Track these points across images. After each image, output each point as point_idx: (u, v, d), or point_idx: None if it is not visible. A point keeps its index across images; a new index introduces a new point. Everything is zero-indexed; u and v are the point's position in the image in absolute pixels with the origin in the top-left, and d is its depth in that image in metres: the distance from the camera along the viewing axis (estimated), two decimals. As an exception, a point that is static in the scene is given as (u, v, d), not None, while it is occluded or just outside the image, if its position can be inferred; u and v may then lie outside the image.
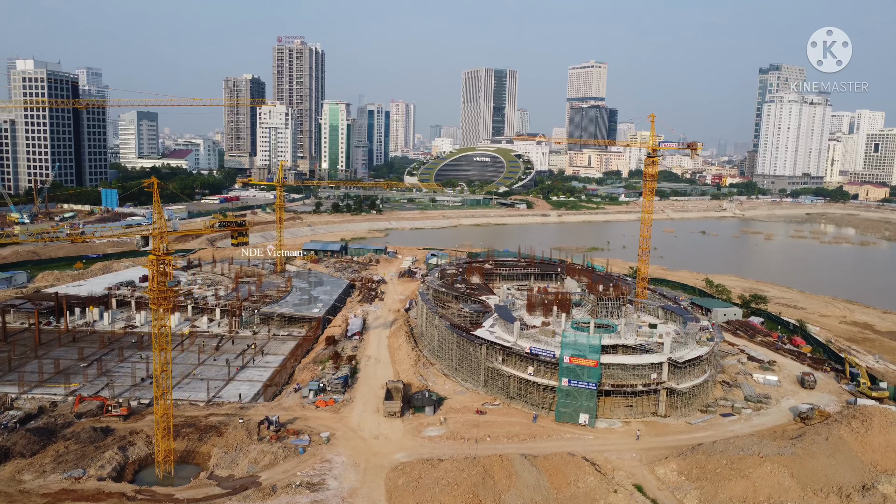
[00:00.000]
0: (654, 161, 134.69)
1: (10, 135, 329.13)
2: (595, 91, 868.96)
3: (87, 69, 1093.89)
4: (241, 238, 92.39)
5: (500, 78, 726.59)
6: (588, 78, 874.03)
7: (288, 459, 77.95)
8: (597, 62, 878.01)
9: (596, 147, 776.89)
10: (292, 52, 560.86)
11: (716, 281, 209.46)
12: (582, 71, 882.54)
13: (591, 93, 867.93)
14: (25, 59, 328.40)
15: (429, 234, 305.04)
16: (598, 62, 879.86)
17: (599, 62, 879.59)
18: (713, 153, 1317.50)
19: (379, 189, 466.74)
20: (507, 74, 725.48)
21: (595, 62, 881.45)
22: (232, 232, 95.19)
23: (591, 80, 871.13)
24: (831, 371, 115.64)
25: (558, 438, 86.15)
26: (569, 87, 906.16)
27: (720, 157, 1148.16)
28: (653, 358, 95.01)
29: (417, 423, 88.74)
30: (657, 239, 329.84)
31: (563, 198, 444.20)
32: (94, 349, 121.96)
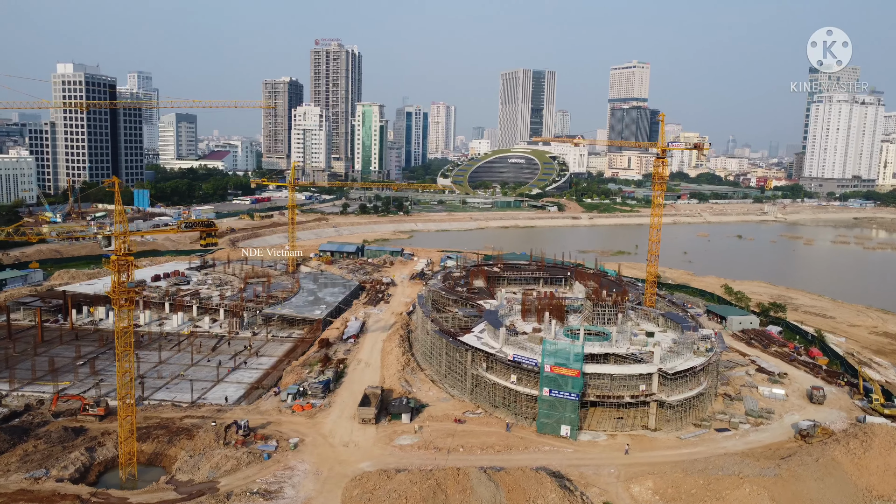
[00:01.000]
0: (663, 162, 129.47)
1: (50, 136, 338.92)
2: (637, 92, 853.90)
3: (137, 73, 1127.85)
4: (210, 239, 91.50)
5: (539, 79, 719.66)
6: (630, 78, 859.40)
7: (251, 465, 76.35)
8: (639, 62, 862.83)
9: (637, 149, 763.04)
10: (329, 55, 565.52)
11: (743, 287, 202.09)
12: (624, 71, 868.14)
13: (633, 93, 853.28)
14: (65, 63, 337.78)
15: (454, 236, 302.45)
16: (640, 62, 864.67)
17: (642, 62, 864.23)
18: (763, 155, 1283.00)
19: (411, 190, 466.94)
20: (546, 75, 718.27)
21: (638, 62, 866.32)
22: (200, 233, 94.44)
23: (634, 80, 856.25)
24: (846, 385, 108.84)
25: (535, 451, 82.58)
26: (610, 88, 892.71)
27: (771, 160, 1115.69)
28: (641, 368, 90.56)
29: (391, 430, 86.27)
30: (689, 243, 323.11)
31: (598, 200, 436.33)
32: (93, 348, 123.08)
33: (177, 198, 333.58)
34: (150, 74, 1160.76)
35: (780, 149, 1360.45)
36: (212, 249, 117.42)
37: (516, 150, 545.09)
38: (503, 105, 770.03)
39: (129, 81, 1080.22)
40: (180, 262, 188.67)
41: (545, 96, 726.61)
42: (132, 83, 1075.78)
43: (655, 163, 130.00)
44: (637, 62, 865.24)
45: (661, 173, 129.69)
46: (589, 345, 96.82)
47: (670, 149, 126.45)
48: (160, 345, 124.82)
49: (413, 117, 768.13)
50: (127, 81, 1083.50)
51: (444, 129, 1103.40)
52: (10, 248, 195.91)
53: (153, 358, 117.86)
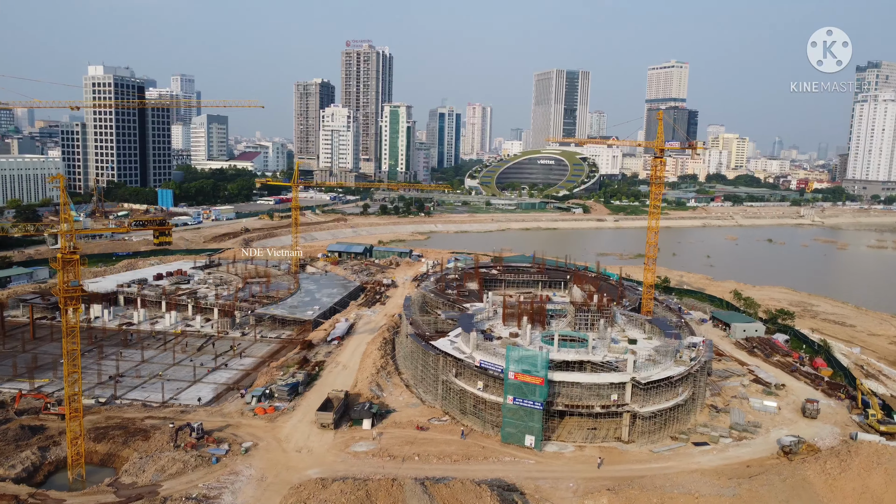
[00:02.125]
0: (661, 161, 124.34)
1: (81, 137, 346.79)
2: (675, 92, 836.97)
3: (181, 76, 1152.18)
4: (164, 238, 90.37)
5: (572, 79, 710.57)
6: (668, 78, 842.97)
7: (198, 469, 74.78)
8: (678, 62, 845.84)
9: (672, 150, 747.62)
10: (360, 56, 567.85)
11: (762, 293, 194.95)
12: (662, 71, 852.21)
13: (671, 94, 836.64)
14: (96, 66, 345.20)
15: (473, 238, 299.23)
16: (679, 62, 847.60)
17: (680, 62, 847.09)
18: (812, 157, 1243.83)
19: (437, 192, 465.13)
20: (580, 76, 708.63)
21: (676, 62, 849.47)
22: (154, 231, 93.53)
23: (672, 80, 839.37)
24: (846, 399, 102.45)
25: (494, 461, 79.20)
26: (648, 88, 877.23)
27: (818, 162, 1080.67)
28: (613, 377, 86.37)
29: (350, 436, 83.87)
30: (716, 247, 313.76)
31: (626, 202, 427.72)
32: (82, 345, 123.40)
33: (201, 197, 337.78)
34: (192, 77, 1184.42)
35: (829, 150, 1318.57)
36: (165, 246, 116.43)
37: (546, 152, 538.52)
38: (536, 106, 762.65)
39: (172, 84, 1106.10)
40: (189, 262, 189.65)
41: (579, 97, 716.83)
42: (175, 85, 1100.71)
43: (653, 162, 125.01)
44: (675, 62, 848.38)
45: (658, 174, 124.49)
46: (563, 351, 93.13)
47: (668, 148, 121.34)
48: (147, 343, 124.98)
49: (446, 118, 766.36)
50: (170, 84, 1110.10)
51: (479, 131, 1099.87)
52: (25, 245, 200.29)
53: (137, 357, 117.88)
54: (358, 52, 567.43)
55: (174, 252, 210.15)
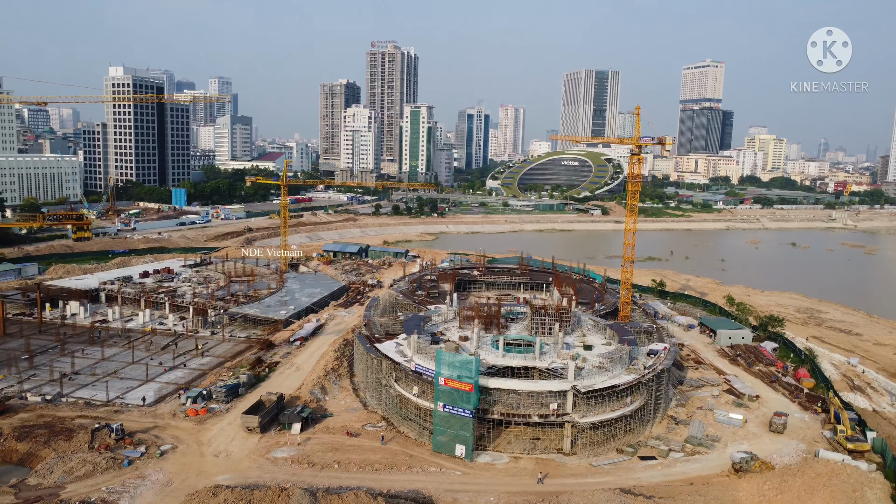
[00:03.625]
0: (639, 159, 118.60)
1: (101, 137, 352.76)
2: (710, 92, 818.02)
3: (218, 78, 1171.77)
4: (81, 233, 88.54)
5: (602, 79, 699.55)
6: (703, 78, 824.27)
7: (107, 472, 72.58)
8: (713, 61, 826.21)
9: (705, 151, 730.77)
10: (384, 57, 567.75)
11: (770, 299, 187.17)
12: (696, 71, 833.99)
13: (705, 94, 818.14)
14: (117, 67, 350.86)
15: (483, 239, 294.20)
16: (714, 61, 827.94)
17: (716, 61, 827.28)
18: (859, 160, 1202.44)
19: (458, 192, 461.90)
20: (609, 76, 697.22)
21: (711, 61, 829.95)
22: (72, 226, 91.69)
23: (707, 80, 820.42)
24: (823, 413, 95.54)
25: (418, 471, 75.21)
26: (682, 89, 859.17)
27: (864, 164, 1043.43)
28: (552, 385, 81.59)
29: (274, 441, 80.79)
30: (733, 250, 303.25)
31: (649, 204, 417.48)
32: (49, 341, 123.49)
33: (217, 197, 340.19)
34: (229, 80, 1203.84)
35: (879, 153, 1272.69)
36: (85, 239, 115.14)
37: (570, 153, 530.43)
38: (565, 107, 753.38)
39: (210, 86, 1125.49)
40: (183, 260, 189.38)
41: (608, 97, 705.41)
42: (213, 87, 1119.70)
43: (631, 160, 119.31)
44: (711, 61, 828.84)
45: (635, 172, 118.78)
46: (509, 356, 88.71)
47: (646, 144, 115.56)
48: (113, 341, 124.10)
49: (474, 119, 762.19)
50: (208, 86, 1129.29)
51: (512, 132, 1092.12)
52: (26, 243, 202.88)
53: (98, 354, 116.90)
54: (383, 52, 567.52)
55: (171, 250, 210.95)
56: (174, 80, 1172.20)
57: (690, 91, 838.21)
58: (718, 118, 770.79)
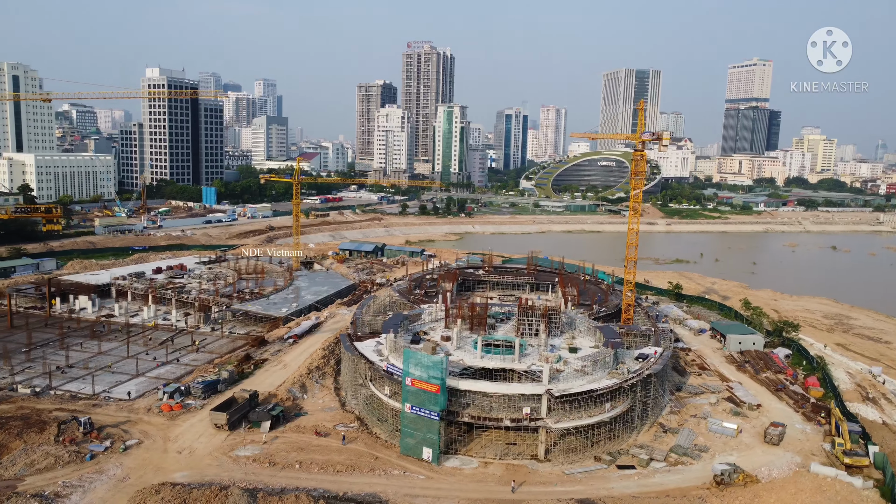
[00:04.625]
0: (642, 156, 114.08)
1: (138, 137, 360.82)
2: (757, 91, 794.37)
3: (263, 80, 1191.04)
4: (51, 226, 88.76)
5: (642, 79, 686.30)
6: (750, 77, 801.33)
7: (68, 465, 72.29)
8: (760, 60, 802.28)
9: (750, 152, 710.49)
10: (420, 57, 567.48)
11: (798, 304, 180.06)
12: (743, 70, 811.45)
13: (752, 93, 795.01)
14: (153, 68, 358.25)
15: (508, 240, 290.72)
16: (762, 60, 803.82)
17: (764, 60, 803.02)
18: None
19: (489, 193, 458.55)
20: (650, 75, 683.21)
21: (759, 60, 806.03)
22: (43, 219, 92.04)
23: (753, 79, 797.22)
24: (827, 424, 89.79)
25: (381, 474, 72.86)
26: (728, 88, 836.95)
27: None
28: (525, 388, 78.32)
29: (240, 439, 79.50)
30: (768, 253, 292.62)
31: (685, 205, 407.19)
32: (52, 335, 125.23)
33: (248, 196, 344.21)
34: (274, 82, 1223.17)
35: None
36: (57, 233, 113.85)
37: (607, 153, 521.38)
38: (605, 106, 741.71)
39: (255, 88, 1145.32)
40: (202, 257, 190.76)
41: (649, 96, 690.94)
42: (258, 90, 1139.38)
43: (634, 156, 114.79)
44: (758, 59, 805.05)
45: (639, 169, 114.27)
46: (487, 358, 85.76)
47: (649, 140, 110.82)
48: (114, 336, 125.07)
49: (512, 119, 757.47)
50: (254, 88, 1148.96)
51: (553, 133, 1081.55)
52: (52, 238, 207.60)
53: (95, 348, 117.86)
54: (419, 53, 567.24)
55: (191, 247, 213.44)
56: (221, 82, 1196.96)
57: (736, 90, 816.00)
58: (765, 118, 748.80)
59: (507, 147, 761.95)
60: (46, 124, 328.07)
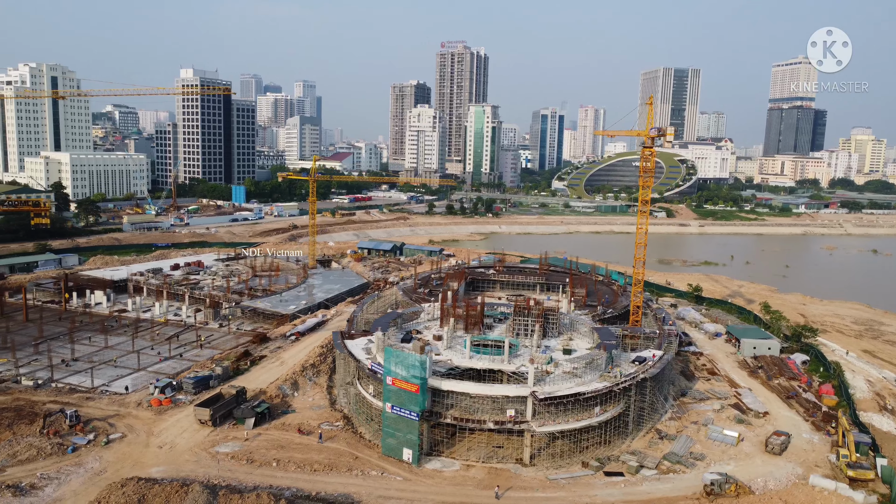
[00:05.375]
0: (652, 152, 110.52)
1: (172, 137, 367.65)
2: (802, 90, 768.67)
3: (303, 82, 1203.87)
4: (39, 219, 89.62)
5: (681, 78, 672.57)
6: (794, 76, 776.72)
7: (49, 457, 72.73)
8: (805, 58, 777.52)
9: (793, 152, 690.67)
10: (454, 57, 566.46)
11: (828, 308, 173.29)
12: (787, 69, 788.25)
13: (797, 92, 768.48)
14: (187, 68, 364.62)
15: (533, 240, 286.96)
16: (807, 58, 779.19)
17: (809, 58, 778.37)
18: None
19: (520, 194, 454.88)
20: (689, 74, 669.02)
21: (804, 58, 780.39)
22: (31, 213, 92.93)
23: (798, 78, 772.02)
24: (836, 434, 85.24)
25: (358, 474, 71.45)
26: (772, 87, 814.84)
27: None
28: (509, 390, 76.01)
29: (223, 435, 78.99)
30: (804, 256, 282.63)
31: (721, 207, 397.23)
32: (63, 329, 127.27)
33: (277, 195, 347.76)
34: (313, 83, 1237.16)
35: None
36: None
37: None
38: (642, 106, 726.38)
39: (295, 90, 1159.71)
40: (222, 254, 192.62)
41: (687, 96, 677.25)
42: (298, 91, 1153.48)
43: (642, 154, 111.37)
44: (803, 58, 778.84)
45: (648, 165, 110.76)
46: (476, 358, 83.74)
47: (659, 136, 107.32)
48: (123, 330, 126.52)
49: (548, 120, 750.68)
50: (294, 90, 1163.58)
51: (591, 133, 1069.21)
52: (80, 235, 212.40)
53: (102, 342, 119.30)
54: (452, 53, 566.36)
55: (213, 244, 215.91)
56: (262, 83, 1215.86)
57: (781, 90, 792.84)
58: (809, 118, 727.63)
59: (543, 147, 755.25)
60: (83, 124, 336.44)
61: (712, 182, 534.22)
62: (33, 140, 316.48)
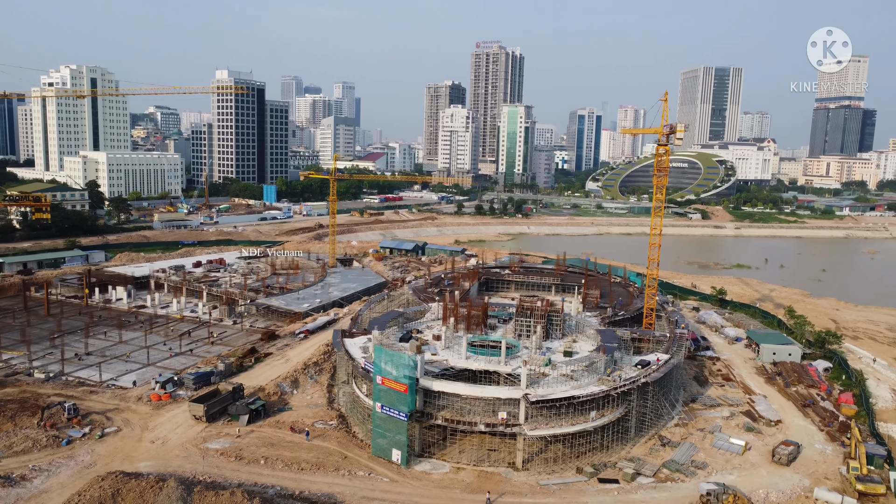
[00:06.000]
0: (666, 150, 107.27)
1: (207, 136, 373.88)
2: (851, 90, 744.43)
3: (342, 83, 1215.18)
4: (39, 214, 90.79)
5: (722, 77, 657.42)
6: (842, 75, 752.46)
7: (44, 450, 73.64)
8: (855, 56, 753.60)
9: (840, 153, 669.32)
10: (489, 57, 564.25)
11: (862, 314, 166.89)
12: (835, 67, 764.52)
13: (845, 92, 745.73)
14: (222, 70, 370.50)
15: (561, 241, 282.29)
16: (856, 56, 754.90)
17: (858, 56, 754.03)
18: None
19: (553, 194, 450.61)
20: (730, 73, 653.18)
21: (854, 56, 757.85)
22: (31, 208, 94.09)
23: (847, 76, 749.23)
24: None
25: (345, 475, 70.57)
26: (819, 86, 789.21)
27: None
28: (500, 392, 74.23)
29: (217, 431, 78.96)
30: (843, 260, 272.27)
31: (760, 208, 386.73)
32: (79, 324, 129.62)
33: (308, 195, 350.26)
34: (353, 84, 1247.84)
35: None
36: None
37: (679, 154, 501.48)
38: (682, 106, 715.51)
39: (335, 91, 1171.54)
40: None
41: (729, 96, 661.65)
42: (337, 92, 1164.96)
43: (657, 150, 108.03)
44: (853, 56, 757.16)
45: (663, 164, 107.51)
46: (472, 359, 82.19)
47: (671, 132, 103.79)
48: (138, 325, 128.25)
49: (585, 120, 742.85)
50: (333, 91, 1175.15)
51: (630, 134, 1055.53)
52: (111, 232, 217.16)
53: (117, 337, 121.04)
54: (487, 53, 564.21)
55: (238, 243, 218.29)
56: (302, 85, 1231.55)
57: (827, 89, 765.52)
58: (857, 118, 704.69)
59: (580, 148, 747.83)
60: (121, 125, 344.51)
61: (753, 184, 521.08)
62: (73, 140, 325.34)
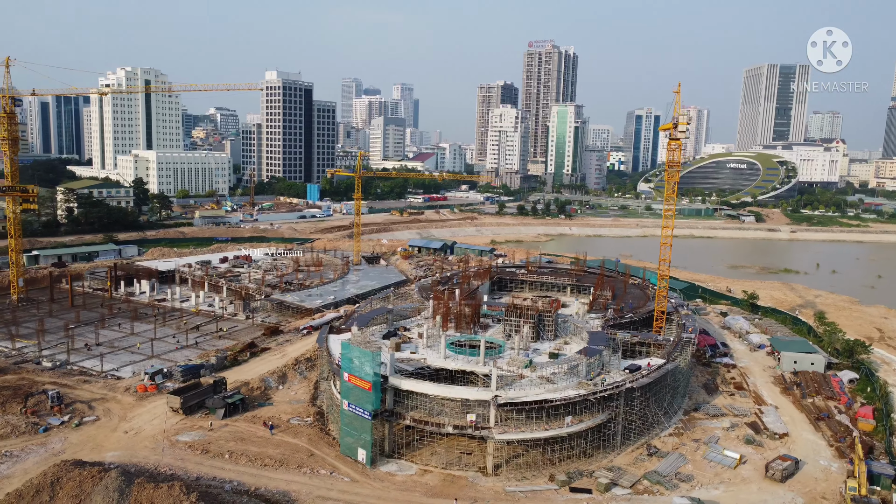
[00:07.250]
0: (679, 144, 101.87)
1: (256, 136, 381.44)
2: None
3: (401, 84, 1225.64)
4: (27, 205, 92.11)
5: (787, 75, 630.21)
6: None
7: (22, 436, 74.85)
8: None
9: None
10: (542, 56, 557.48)
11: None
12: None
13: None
14: (271, 71, 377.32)
15: (602, 242, 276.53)
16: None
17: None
18: None
19: (603, 196, 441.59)
20: (797, 71, 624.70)
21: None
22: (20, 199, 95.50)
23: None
24: (861, 462, 74.56)
25: (307, 472, 69.00)
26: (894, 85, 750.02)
27: None
28: (469, 393, 71.21)
29: (190, 424, 78.64)
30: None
31: (821, 211, 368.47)
32: (97, 315, 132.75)
33: (352, 193, 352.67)
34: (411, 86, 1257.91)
35: None
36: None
37: (738, 154, 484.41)
38: (744, 105, 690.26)
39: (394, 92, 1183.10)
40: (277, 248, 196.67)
41: (794, 94, 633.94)
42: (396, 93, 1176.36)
43: (669, 145, 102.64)
44: None
45: (674, 158, 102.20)
46: (451, 358, 79.51)
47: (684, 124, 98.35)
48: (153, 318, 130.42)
49: (643, 120, 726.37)
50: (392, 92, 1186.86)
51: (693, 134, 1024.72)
52: (150, 228, 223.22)
53: (128, 329, 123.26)
54: (540, 52, 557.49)
55: (271, 239, 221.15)
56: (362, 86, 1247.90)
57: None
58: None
59: (637, 149, 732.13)
60: (174, 124, 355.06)
61: (818, 186, 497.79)
62: (127, 139, 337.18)
